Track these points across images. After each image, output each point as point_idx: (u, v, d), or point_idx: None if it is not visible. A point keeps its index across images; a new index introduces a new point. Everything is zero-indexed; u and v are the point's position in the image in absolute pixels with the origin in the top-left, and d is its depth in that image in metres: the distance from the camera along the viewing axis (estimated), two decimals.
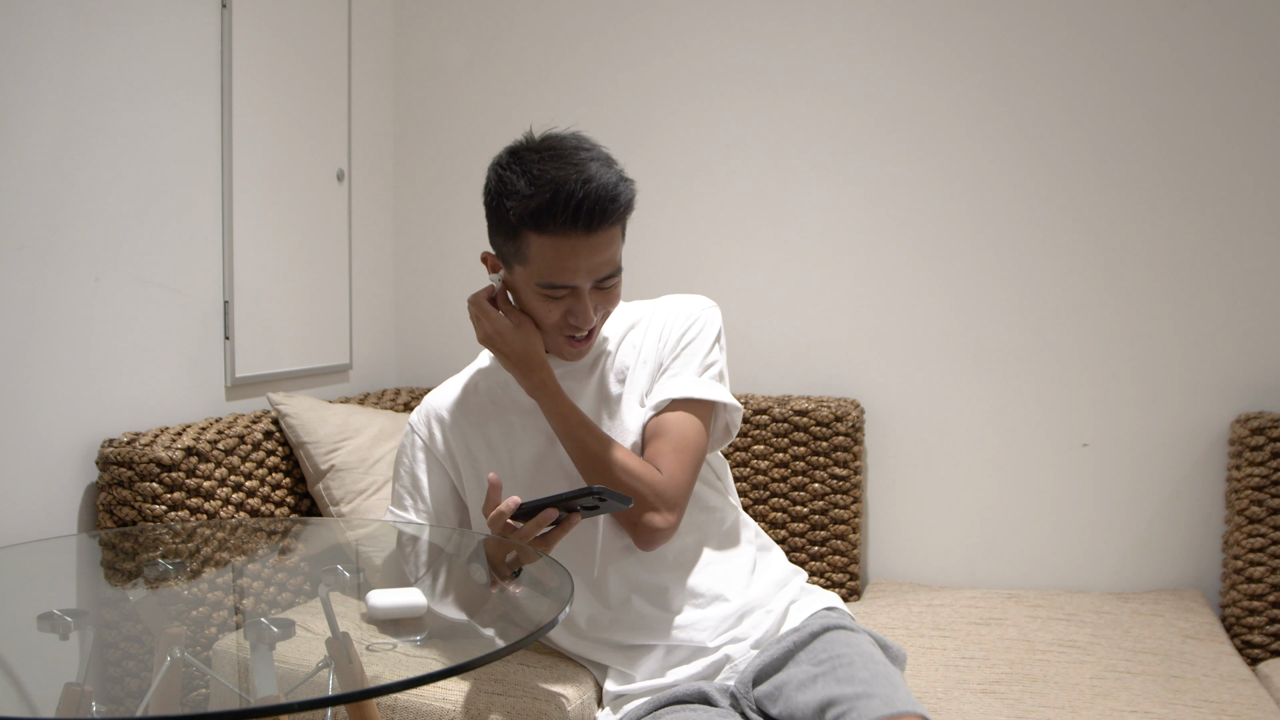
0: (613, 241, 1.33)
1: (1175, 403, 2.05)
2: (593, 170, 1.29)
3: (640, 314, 1.52)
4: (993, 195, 2.13)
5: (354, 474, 1.85)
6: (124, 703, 1.52)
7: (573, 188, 1.27)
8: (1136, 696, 1.55)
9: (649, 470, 1.38)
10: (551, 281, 1.32)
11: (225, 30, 1.93)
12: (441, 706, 1.38)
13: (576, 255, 1.30)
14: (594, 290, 1.35)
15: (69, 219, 1.64)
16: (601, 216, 1.28)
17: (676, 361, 1.45)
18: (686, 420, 1.42)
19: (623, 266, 1.37)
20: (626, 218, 1.34)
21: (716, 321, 1.50)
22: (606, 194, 1.28)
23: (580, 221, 1.28)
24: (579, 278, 1.32)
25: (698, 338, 1.46)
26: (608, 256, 1.33)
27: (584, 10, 2.37)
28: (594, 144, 1.35)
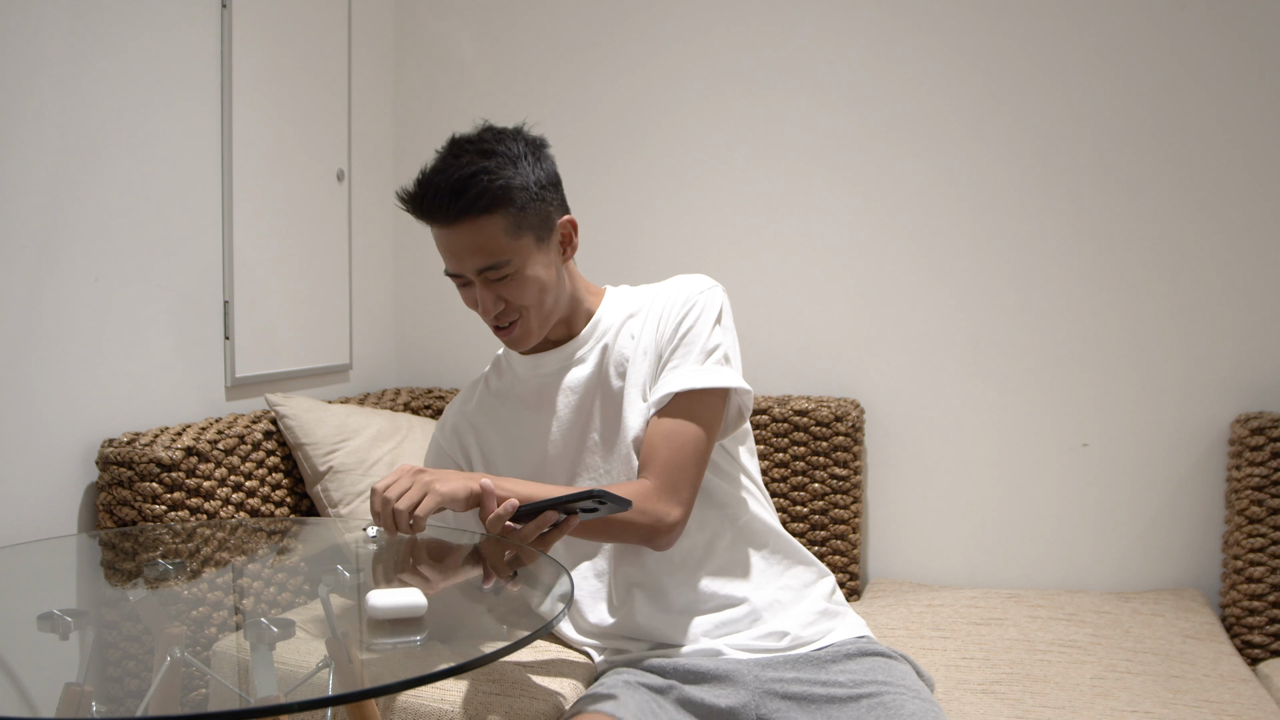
0: (480, 232, 1.31)
1: (1175, 403, 2.05)
2: (459, 163, 1.30)
3: (641, 301, 1.49)
4: (993, 195, 2.13)
5: (352, 475, 1.85)
6: (124, 703, 1.52)
7: (430, 181, 1.31)
8: (1136, 696, 1.55)
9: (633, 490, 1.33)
10: (447, 269, 1.37)
11: (225, 30, 1.93)
12: (441, 707, 1.38)
13: (446, 244, 1.34)
14: (487, 282, 1.35)
15: (69, 219, 1.64)
16: (445, 209, 1.30)
17: (676, 352, 1.40)
18: (686, 415, 1.38)
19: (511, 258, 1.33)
20: (495, 209, 1.30)
21: (717, 301, 1.44)
22: (451, 187, 1.29)
23: (426, 212, 1.32)
24: (457, 266, 1.35)
25: (697, 322, 1.41)
26: (476, 246, 1.32)
27: (585, 10, 2.37)
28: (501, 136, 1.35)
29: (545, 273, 1.38)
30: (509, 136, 1.36)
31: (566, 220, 1.43)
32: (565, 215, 1.42)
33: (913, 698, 1.27)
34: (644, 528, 1.34)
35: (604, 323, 1.48)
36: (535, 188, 1.35)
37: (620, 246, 2.38)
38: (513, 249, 1.34)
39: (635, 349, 1.45)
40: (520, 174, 1.33)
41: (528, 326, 1.40)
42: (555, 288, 1.41)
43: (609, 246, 2.37)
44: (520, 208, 1.33)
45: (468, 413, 1.55)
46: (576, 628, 1.53)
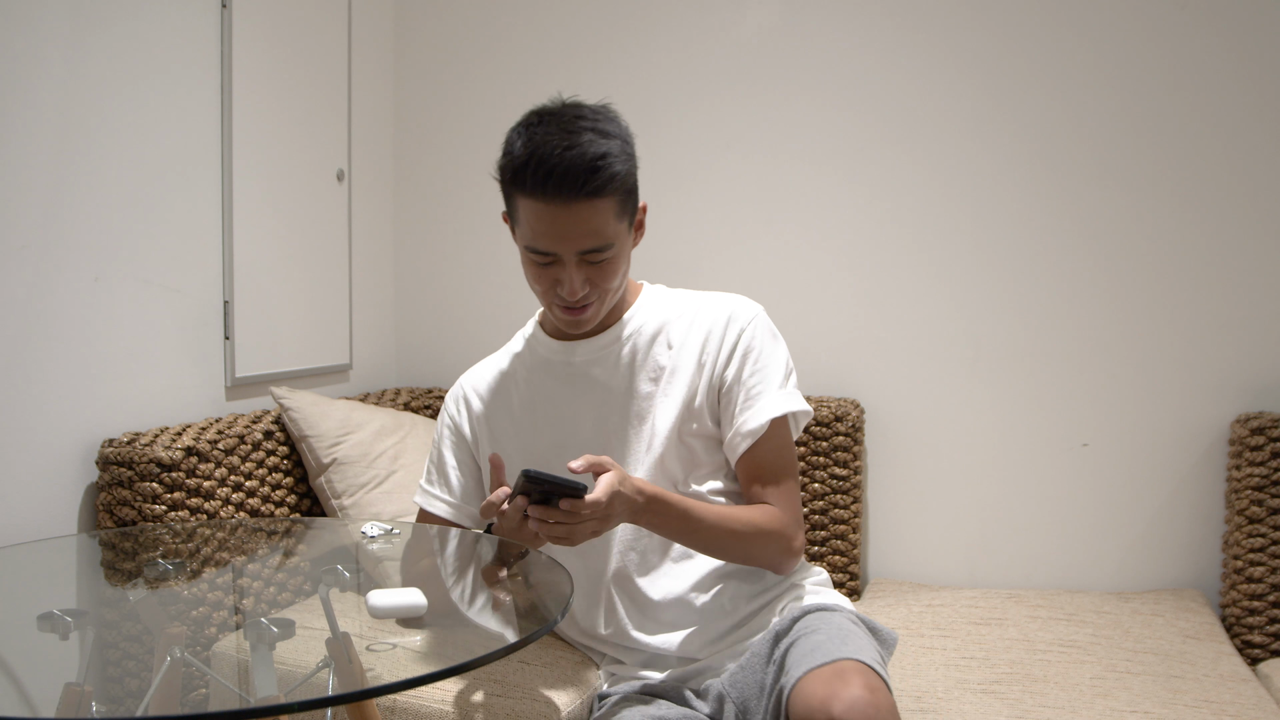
0: (596, 214, 1.28)
1: (1175, 403, 2.05)
2: (581, 139, 1.26)
3: (681, 309, 1.47)
4: (993, 195, 2.13)
5: (356, 467, 1.86)
6: (124, 703, 1.52)
7: (550, 153, 1.25)
8: (1136, 696, 1.55)
9: (769, 516, 1.36)
10: (533, 246, 1.32)
11: (225, 30, 1.93)
12: (441, 708, 1.38)
13: (555, 222, 1.28)
14: (581, 262, 1.32)
15: (69, 219, 1.64)
16: (574, 185, 1.25)
17: (754, 378, 1.41)
18: (782, 438, 1.41)
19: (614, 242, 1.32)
20: (613, 193, 1.28)
21: (770, 326, 1.46)
22: (583, 164, 1.25)
23: (551, 187, 1.26)
24: (559, 246, 1.30)
25: (765, 349, 1.43)
26: (590, 229, 1.28)
27: (584, 10, 2.37)
28: (606, 116, 1.32)
29: (628, 256, 1.39)
30: (615, 118, 1.34)
31: (643, 206, 1.41)
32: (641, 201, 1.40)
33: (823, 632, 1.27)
34: (780, 551, 1.37)
35: (637, 320, 1.46)
36: (635, 173, 1.35)
37: None
38: (616, 233, 1.32)
39: (676, 358, 1.43)
40: (632, 159, 1.33)
41: (599, 309, 1.39)
42: (627, 272, 1.42)
43: None
44: (627, 193, 1.32)
45: (479, 387, 1.53)
46: (570, 636, 1.54)
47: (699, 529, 1.31)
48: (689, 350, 1.43)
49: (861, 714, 1.11)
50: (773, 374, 1.41)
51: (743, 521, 1.34)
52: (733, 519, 1.34)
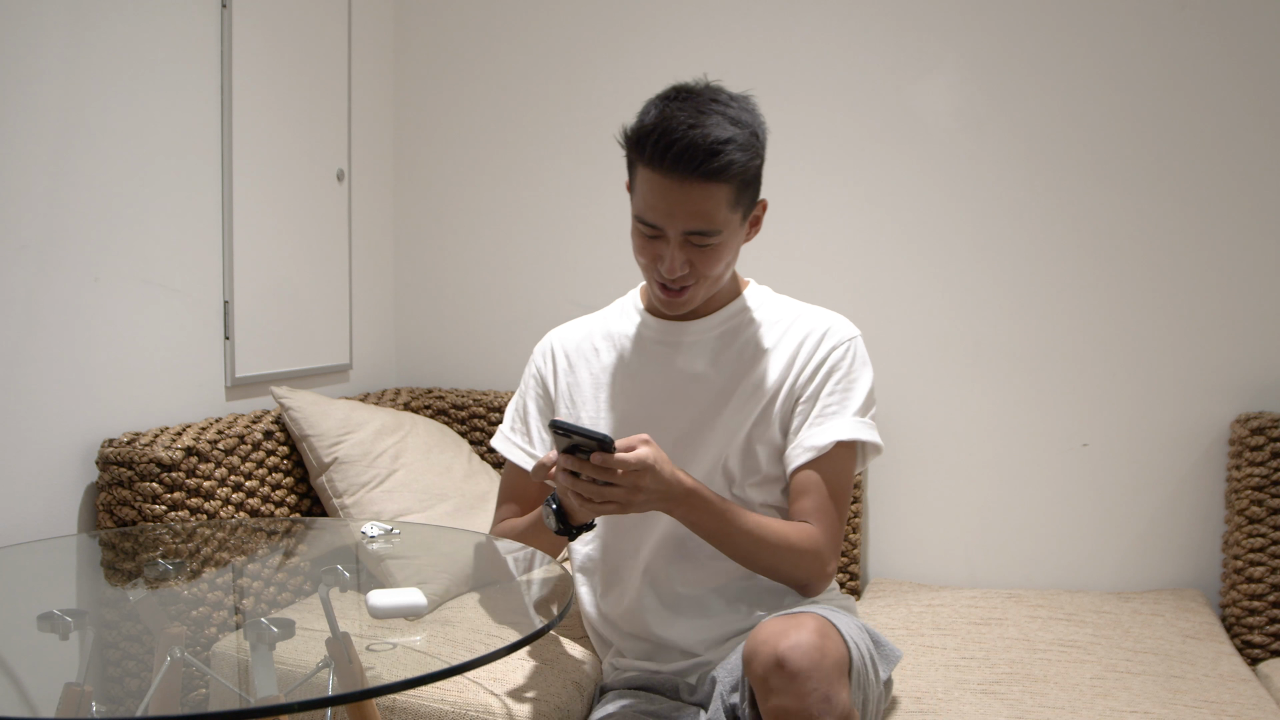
0: (709, 198, 1.27)
1: (1175, 403, 2.05)
2: (709, 121, 1.25)
3: (780, 314, 1.47)
4: (992, 195, 2.13)
5: (357, 466, 1.86)
6: (124, 703, 1.52)
7: (675, 128, 1.25)
8: (1136, 696, 1.55)
9: (807, 536, 1.34)
10: (643, 216, 1.32)
11: (225, 30, 1.93)
12: (440, 707, 1.38)
13: (666, 197, 1.28)
14: (686, 244, 1.31)
15: (69, 219, 1.64)
16: (690, 164, 1.24)
17: (832, 397, 1.40)
18: (843, 465, 1.39)
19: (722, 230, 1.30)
20: (729, 180, 1.27)
21: (864, 351, 1.45)
22: (703, 145, 1.24)
23: (669, 161, 1.25)
24: (666, 222, 1.29)
25: (853, 371, 1.42)
26: (699, 210, 1.27)
27: (584, 10, 2.37)
28: (743, 105, 1.31)
29: (736, 248, 1.37)
30: (750, 107, 1.33)
31: (762, 201, 1.39)
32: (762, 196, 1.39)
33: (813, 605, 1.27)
34: (810, 573, 1.35)
35: (735, 316, 1.46)
36: (759, 167, 1.33)
37: (620, 246, 2.38)
38: (725, 221, 1.30)
39: (764, 362, 1.42)
40: (758, 152, 1.30)
41: (697, 294, 1.38)
42: (733, 264, 1.41)
43: (609, 246, 2.37)
44: (746, 184, 1.31)
45: (566, 345, 1.53)
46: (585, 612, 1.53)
47: (732, 533, 1.30)
48: (778, 357, 1.43)
49: (805, 655, 1.10)
50: (852, 399, 1.40)
51: (778, 535, 1.33)
52: (768, 530, 1.32)
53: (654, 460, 1.20)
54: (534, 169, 2.43)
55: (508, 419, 1.57)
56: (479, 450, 2.36)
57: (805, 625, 1.14)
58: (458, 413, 2.39)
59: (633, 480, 1.18)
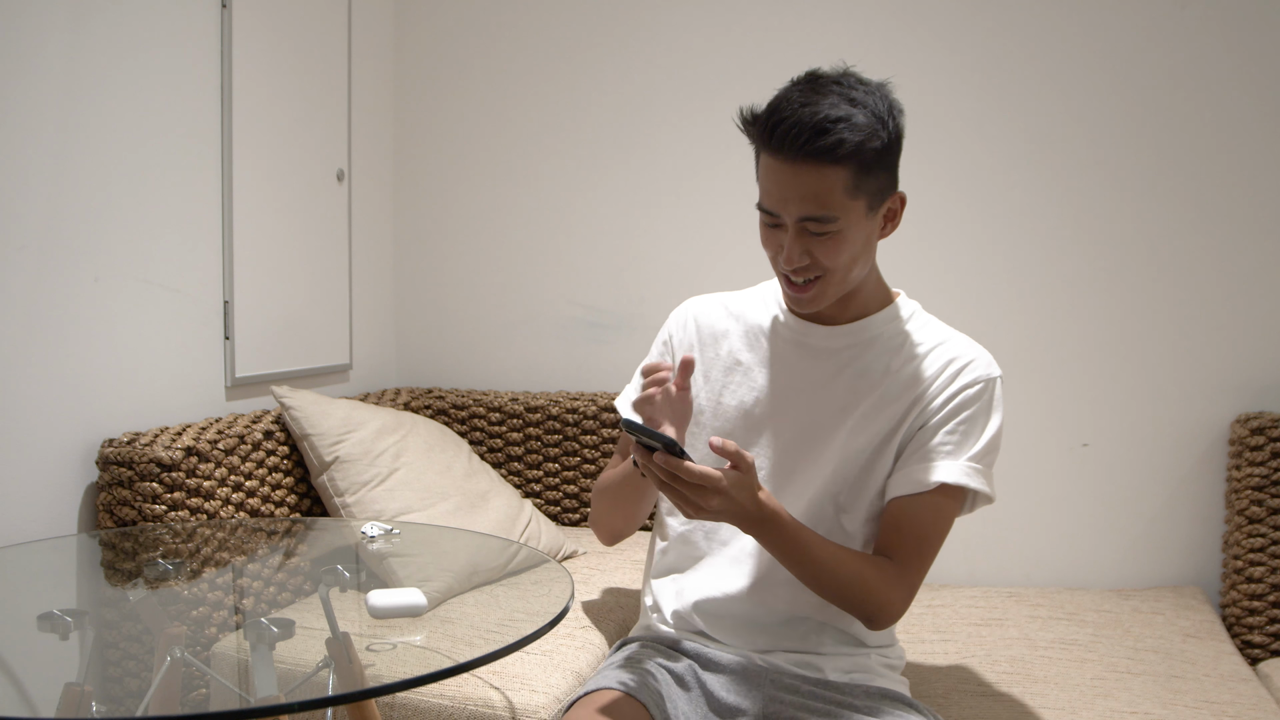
0: (820, 180, 1.20)
1: (1175, 403, 2.05)
2: (823, 101, 1.20)
3: (923, 336, 1.38)
4: (992, 195, 2.13)
5: (358, 465, 1.86)
6: (124, 703, 1.52)
7: (786, 107, 1.21)
8: (1136, 696, 1.55)
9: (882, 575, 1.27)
10: (761, 203, 1.27)
11: (225, 30, 1.93)
12: (440, 703, 1.38)
13: (779, 180, 1.23)
14: (803, 232, 1.25)
15: (69, 219, 1.64)
16: (797, 143, 1.19)
17: (953, 435, 1.31)
18: (943, 509, 1.30)
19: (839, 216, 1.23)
20: (843, 161, 1.20)
21: (1001, 394, 1.36)
22: (811, 122, 1.18)
23: (776, 140, 1.21)
24: (780, 207, 1.24)
25: (984, 412, 1.34)
26: (810, 193, 1.21)
27: (584, 10, 2.37)
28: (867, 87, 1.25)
29: (862, 241, 1.29)
30: (875, 90, 1.25)
31: (899, 195, 1.31)
32: (898, 189, 1.31)
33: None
34: (875, 610, 1.28)
35: (874, 329, 1.38)
36: (886, 152, 1.24)
37: (620, 246, 2.38)
38: (844, 207, 1.23)
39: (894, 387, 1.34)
40: (878, 134, 1.22)
41: (824, 291, 1.31)
42: (865, 261, 1.33)
43: (608, 245, 2.37)
44: (867, 168, 1.22)
45: (701, 319, 1.47)
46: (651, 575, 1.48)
47: (805, 561, 1.24)
48: (910, 383, 1.34)
49: None
50: (972, 442, 1.32)
51: (852, 570, 1.26)
52: (843, 563, 1.26)
53: (732, 486, 1.14)
54: (534, 169, 2.43)
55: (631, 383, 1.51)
56: (479, 450, 2.36)
57: None
58: (458, 413, 2.39)
59: (698, 495, 1.14)
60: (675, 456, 1.13)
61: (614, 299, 2.41)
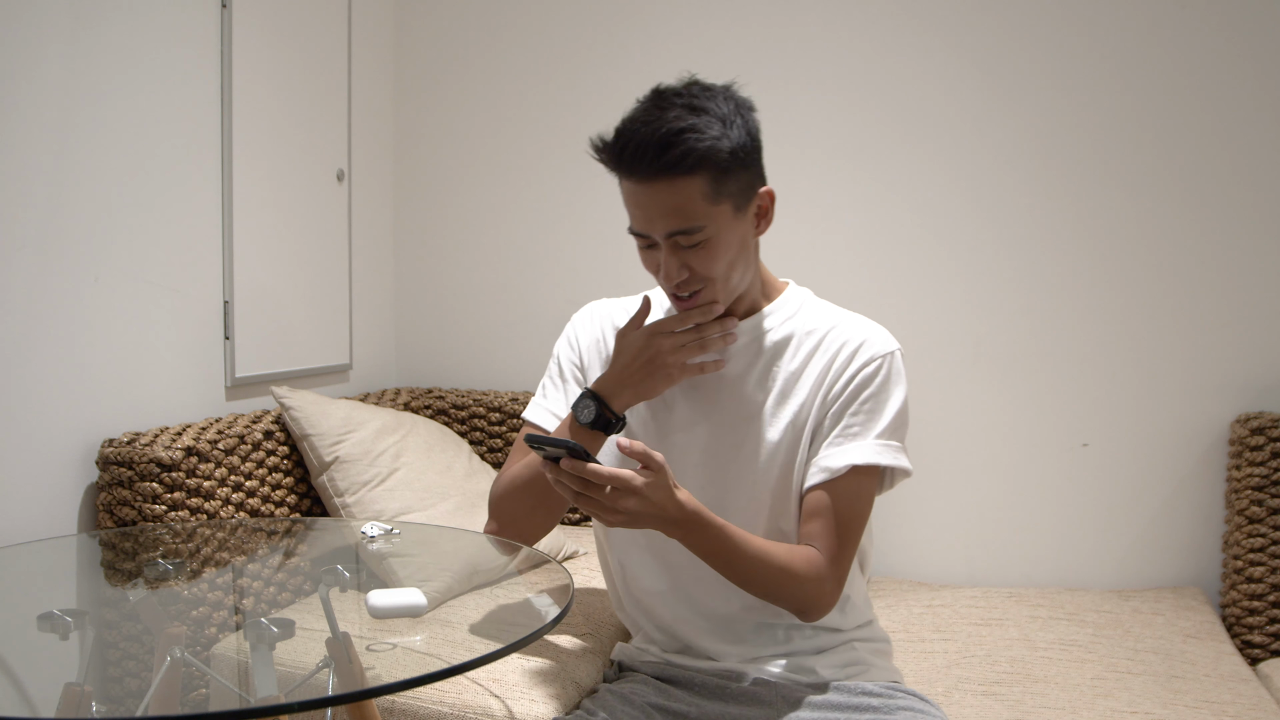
0: (677, 193, 1.20)
1: (1175, 403, 2.05)
2: (665, 116, 1.20)
3: (815, 323, 1.37)
4: (993, 194, 2.13)
5: (359, 465, 1.86)
6: (124, 703, 1.52)
7: (630, 129, 1.21)
8: (1137, 696, 1.55)
9: (809, 564, 1.26)
10: (631, 227, 1.27)
11: (225, 30, 1.93)
12: (440, 708, 1.38)
13: (640, 202, 1.23)
14: (676, 248, 1.25)
15: (69, 219, 1.64)
16: (646, 161, 1.19)
17: (856, 417, 1.30)
18: (858, 490, 1.30)
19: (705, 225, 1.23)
20: (697, 170, 1.20)
21: (902, 367, 1.34)
22: (655, 139, 1.19)
23: (626, 162, 1.21)
24: (647, 227, 1.24)
25: (885, 389, 1.31)
26: (671, 207, 1.21)
27: (584, 9, 2.37)
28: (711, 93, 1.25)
29: (737, 245, 1.28)
30: (718, 94, 1.25)
31: (766, 191, 1.30)
32: (764, 185, 1.30)
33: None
34: (807, 601, 1.28)
35: (767, 322, 1.38)
36: (740, 152, 1.23)
37: (620, 245, 2.38)
38: (709, 215, 1.23)
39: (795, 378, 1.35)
40: (728, 136, 1.21)
41: (713, 299, 1.31)
42: (744, 263, 1.32)
43: (609, 246, 2.37)
44: (723, 171, 1.22)
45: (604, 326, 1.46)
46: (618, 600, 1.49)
47: (731, 558, 1.23)
48: (812, 373, 1.34)
49: None
50: (879, 420, 1.30)
51: (779, 562, 1.25)
52: (769, 556, 1.25)
53: (646, 486, 1.13)
54: (534, 169, 2.43)
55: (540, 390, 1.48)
56: (479, 450, 2.36)
57: None
58: (458, 413, 2.39)
59: (612, 499, 1.12)
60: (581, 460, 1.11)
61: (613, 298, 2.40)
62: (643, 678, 1.38)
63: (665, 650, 1.42)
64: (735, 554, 1.23)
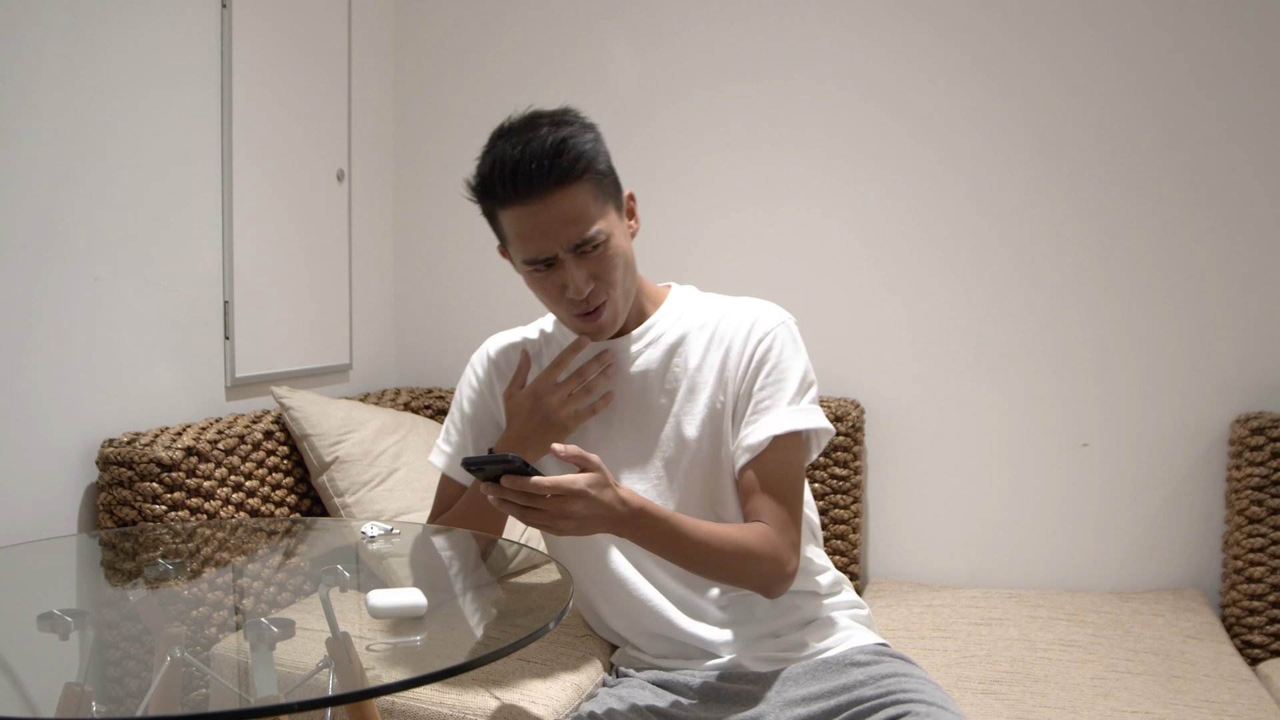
0: (574, 200, 1.25)
1: (1175, 403, 2.05)
2: (538, 134, 1.24)
3: (706, 317, 1.41)
4: (993, 194, 2.13)
5: (359, 465, 1.86)
6: (124, 703, 1.52)
7: (509, 154, 1.24)
8: (1137, 696, 1.55)
9: (762, 539, 1.29)
10: (527, 256, 1.29)
11: (225, 30, 1.93)
12: (440, 708, 1.38)
13: (537, 221, 1.26)
14: (578, 258, 1.28)
15: (69, 219, 1.64)
16: (541, 176, 1.23)
17: (764, 391, 1.34)
18: (787, 458, 1.33)
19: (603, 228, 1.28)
20: (584, 175, 1.25)
21: (796, 334, 1.39)
22: (542, 151, 1.22)
23: (520, 186, 1.24)
24: (550, 244, 1.26)
25: (783, 359, 1.35)
26: (572, 216, 1.25)
27: (584, 9, 2.37)
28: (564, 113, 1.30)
29: (627, 246, 1.33)
30: (567, 112, 1.31)
31: (629, 194, 1.38)
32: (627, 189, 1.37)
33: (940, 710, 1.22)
34: (770, 576, 1.30)
35: (659, 326, 1.41)
36: (606, 156, 1.31)
37: None
38: (603, 217, 1.28)
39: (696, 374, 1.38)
40: (595, 142, 1.28)
41: (615, 308, 1.33)
42: (632, 265, 1.36)
43: None
44: (600, 175, 1.28)
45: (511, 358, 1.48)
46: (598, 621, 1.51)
47: (686, 547, 1.25)
48: (710, 364, 1.37)
49: None
50: (786, 388, 1.34)
51: (733, 541, 1.27)
52: (722, 538, 1.27)
53: (590, 485, 1.14)
54: None
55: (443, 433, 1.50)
56: None
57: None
58: None
59: (559, 507, 1.13)
60: (523, 474, 1.11)
61: None
62: (639, 682, 1.39)
63: (655, 656, 1.43)
64: (689, 541, 1.25)
